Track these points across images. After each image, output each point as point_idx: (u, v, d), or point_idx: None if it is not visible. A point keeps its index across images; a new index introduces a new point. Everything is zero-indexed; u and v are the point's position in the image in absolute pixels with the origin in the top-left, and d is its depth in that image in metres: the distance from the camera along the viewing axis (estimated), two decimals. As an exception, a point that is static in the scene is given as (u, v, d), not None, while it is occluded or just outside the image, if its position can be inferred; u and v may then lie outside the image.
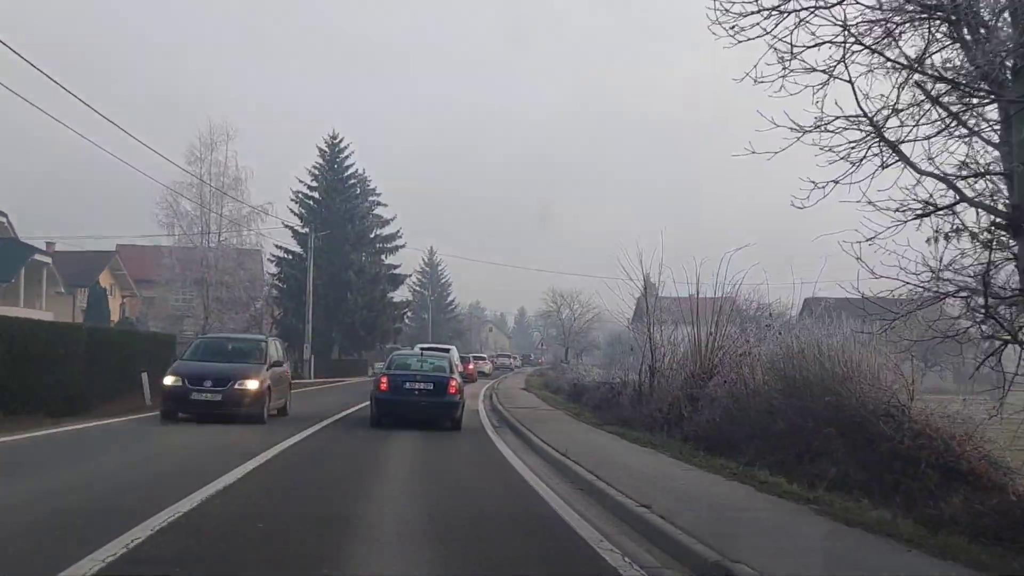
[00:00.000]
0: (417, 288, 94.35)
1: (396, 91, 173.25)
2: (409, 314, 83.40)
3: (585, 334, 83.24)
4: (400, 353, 24.30)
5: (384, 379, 18.14)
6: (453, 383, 18.19)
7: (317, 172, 55.57)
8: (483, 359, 63.86)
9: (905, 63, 8.37)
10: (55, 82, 19.77)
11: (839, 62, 8.34)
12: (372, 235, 58.55)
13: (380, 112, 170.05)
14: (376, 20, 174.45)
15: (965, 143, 8.29)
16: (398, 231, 61.75)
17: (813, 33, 8.63)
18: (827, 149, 8.93)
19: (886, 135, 8.22)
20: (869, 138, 8.92)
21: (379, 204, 61.85)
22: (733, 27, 8.60)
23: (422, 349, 30.02)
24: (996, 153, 8.11)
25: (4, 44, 15.99)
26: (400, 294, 65.26)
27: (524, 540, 7.27)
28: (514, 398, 30.02)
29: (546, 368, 75.44)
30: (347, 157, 56.15)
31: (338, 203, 54.38)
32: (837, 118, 9.19)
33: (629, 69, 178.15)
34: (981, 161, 8.14)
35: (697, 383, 15.71)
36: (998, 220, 7.63)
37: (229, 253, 49.75)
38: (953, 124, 8.11)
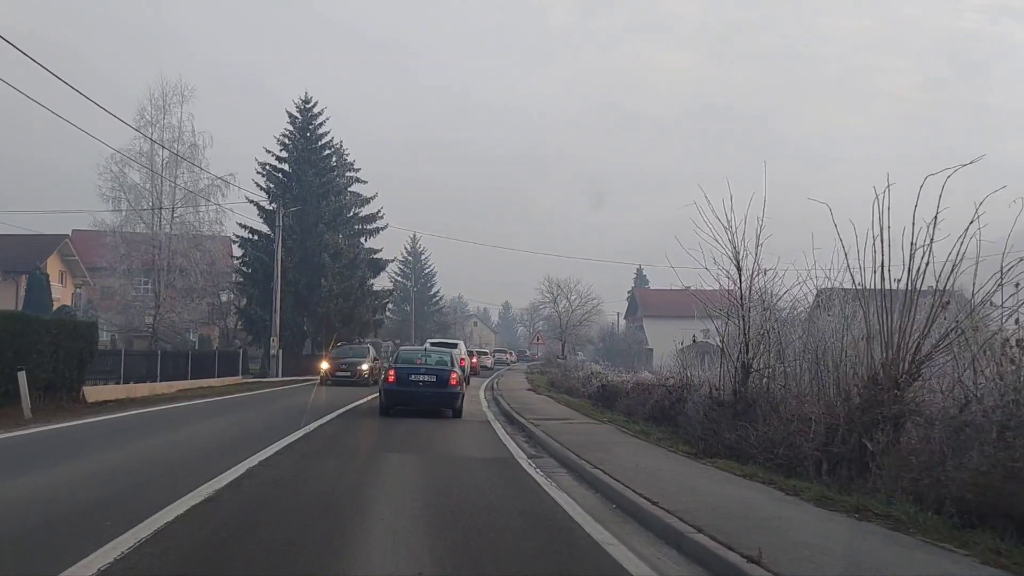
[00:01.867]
0: (399, 278, 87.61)
1: (378, 77, 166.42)
2: (391, 306, 76.70)
3: (578, 328, 77.00)
4: (406, 348, 27.39)
5: (391, 372, 19.33)
6: (454, 375, 19.31)
7: (287, 141, 48.59)
8: (486, 354, 64.16)
9: None
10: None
11: None
12: (350, 214, 51.75)
13: (360, 97, 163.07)
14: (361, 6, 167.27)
15: None
16: (379, 211, 55.09)
17: None
18: None
19: None
20: None
21: (358, 180, 55.13)
22: None
23: (431, 343, 33.78)
24: None
25: None
26: (380, 283, 58.53)
27: None
28: (528, 403, 23.57)
29: (541, 364, 69.02)
30: (321, 124, 49.26)
31: (311, 176, 47.49)
32: None
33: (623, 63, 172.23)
34: None
35: (887, 392, 9.28)
36: None
37: (184, 232, 42.92)
38: None
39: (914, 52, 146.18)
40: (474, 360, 45.00)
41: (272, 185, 47.84)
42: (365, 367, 33.60)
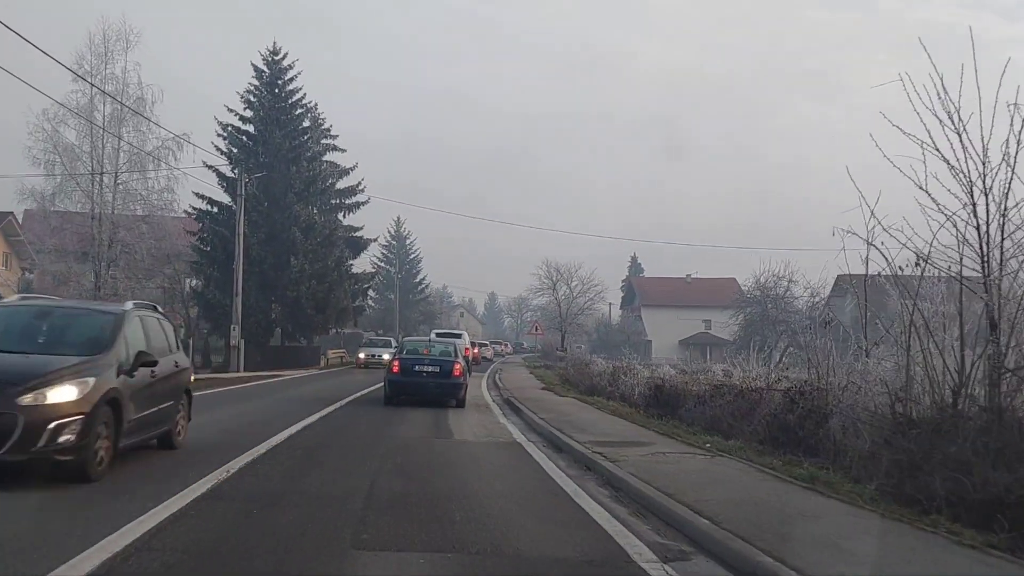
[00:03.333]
0: (382, 264, 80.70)
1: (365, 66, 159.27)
2: (373, 293, 69.94)
3: (579, 317, 70.71)
4: (410, 339, 27.09)
5: (396, 362, 19.43)
6: (458, 366, 19.19)
7: (252, 98, 41.80)
8: (485, 345, 62.94)
9: None
10: None
11: None
12: (326, 184, 45.03)
13: (345, 86, 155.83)
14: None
15: None
16: (359, 183, 48.47)
17: None
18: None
19: None
20: None
21: (335, 148, 48.49)
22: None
23: (437, 334, 35.09)
24: None
25: None
26: (361, 266, 51.83)
27: None
28: (559, 410, 17.25)
29: (539, 357, 62.74)
30: (292, 79, 42.47)
31: (279, 138, 40.74)
32: None
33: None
34: None
35: None
36: None
37: (130, 202, 36.19)
38: None
39: (894, 45, 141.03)
40: (476, 351, 44.68)
41: (235, 149, 41.09)
42: (58, 398, 7.65)
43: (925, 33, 8.88)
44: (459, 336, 36.65)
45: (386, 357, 37.36)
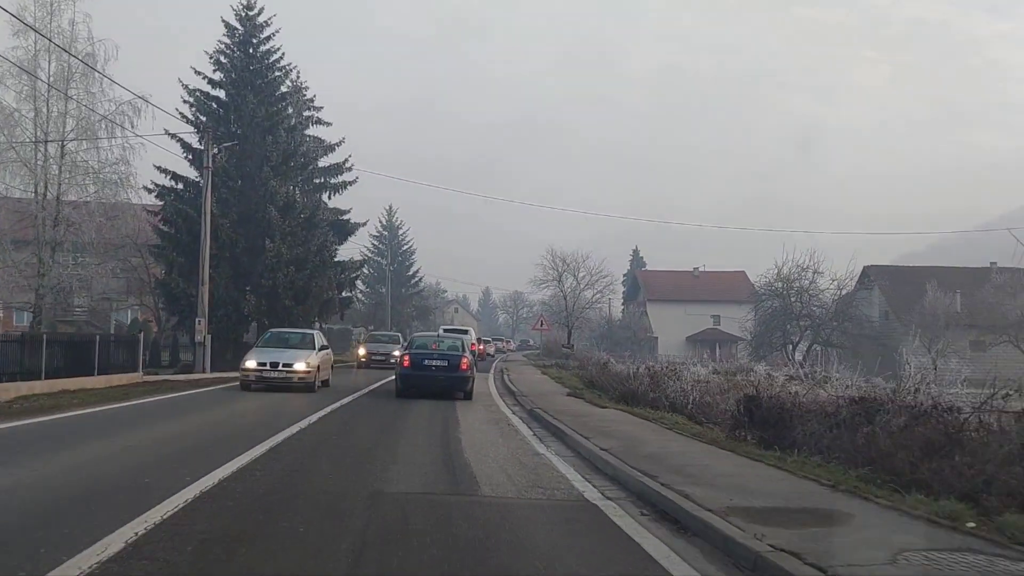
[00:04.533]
0: (372, 256, 75.40)
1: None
2: (363, 286, 64.66)
3: (587, 311, 65.73)
4: (420, 335, 28.50)
5: (406, 357, 20.16)
6: (465, 360, 20.02)
7: (223, 59, 36.47)
8: (488, 341, 62.83)
9: None
10: None
11: None
12: (309, 158, 39.74)
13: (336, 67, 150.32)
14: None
15: None
16: (346, 161, 43.26)
17: None
18: None
19: None
20: None
21: (319, 121, 43.26)
22: None
23: (444, 329, 39.66)
24: None
25: None
26: (349, 254, 46.62)
27: None
28: (630, 438, 12.26)
29: (541, 354, 57.64)
30: (269, 38, 37.11)
31: (253, 104, 35.40)
32: None
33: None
34: None
35: None
36: None
37: (78, 174, 30.91)
38: None
39: (883, 43, 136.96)
40: (481, 347, 46.51)
41: (203, 117, 35.72)
42: None
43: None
44: (466, 332, 38.37)
45: (300, 367, 21.46)
